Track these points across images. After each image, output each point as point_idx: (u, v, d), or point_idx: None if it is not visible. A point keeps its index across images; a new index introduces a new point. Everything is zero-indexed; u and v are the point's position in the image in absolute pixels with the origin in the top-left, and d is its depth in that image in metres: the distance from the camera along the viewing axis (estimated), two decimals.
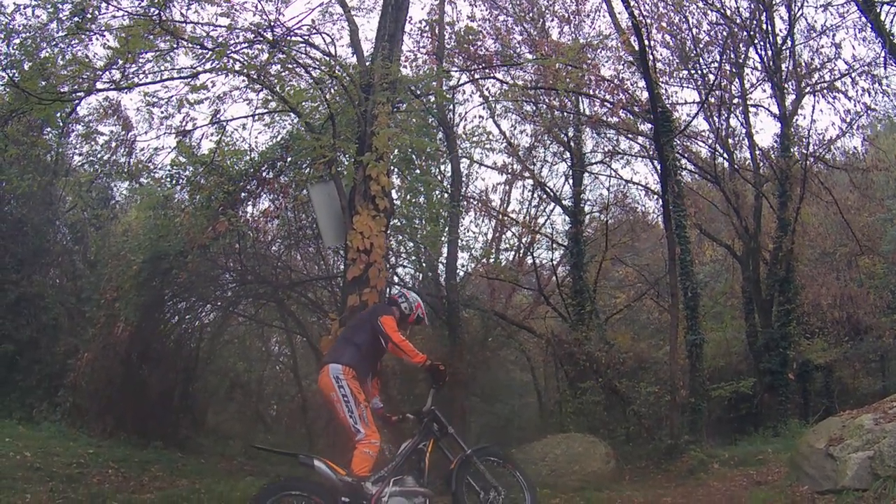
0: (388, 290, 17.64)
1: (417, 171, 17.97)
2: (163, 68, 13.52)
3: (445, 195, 20.43)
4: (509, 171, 27.36)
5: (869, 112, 26.97)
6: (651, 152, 24.60)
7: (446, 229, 20.01)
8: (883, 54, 23.98)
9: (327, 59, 13.90)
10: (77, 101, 14.49)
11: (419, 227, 19.91)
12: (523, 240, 28.90)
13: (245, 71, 13.14)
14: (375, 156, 12.16)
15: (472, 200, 25.57)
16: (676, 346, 19.82)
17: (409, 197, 18.04)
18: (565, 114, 25.67)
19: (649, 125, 22.58)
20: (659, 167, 21.20)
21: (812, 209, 28.36)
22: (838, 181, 29.29)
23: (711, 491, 13.41)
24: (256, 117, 16.25)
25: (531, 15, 24.54)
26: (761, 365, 25.41)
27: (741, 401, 25.47)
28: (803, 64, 26.86)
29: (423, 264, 22.37)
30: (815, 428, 13.59)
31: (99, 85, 13.47)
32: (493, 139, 25.83)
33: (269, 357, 26.53)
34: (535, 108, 25.83)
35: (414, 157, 17.68)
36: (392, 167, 16.94)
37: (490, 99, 23.54)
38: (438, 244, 19.89)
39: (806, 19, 26.94)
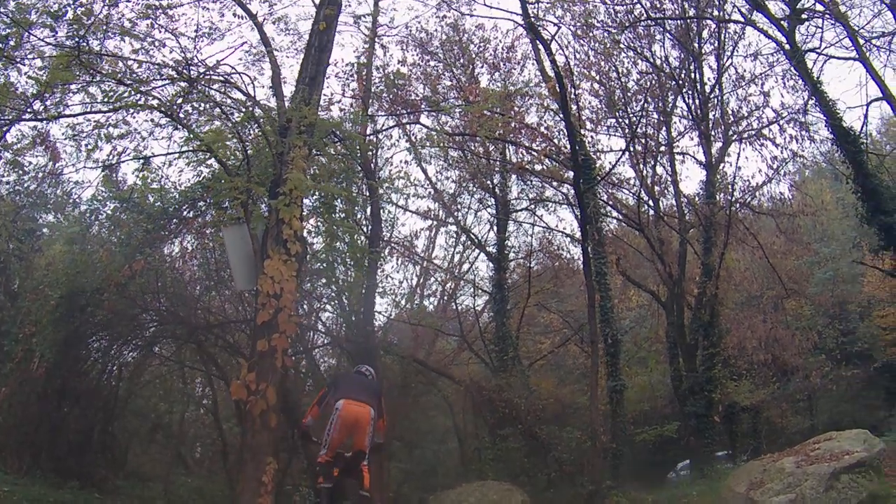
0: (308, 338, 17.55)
1: (338, 216, 17.75)
2: (87, 100, 13.37)
3: (365, 240, 20.23)
4: (433, 216, 27.23)
5: (796, 158, 27.94)
6: (574, 199, 24.59)
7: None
8: (810, 101, 24.94)
9: (245, 99, 13.76)
10: (6, 129, 14.30)
11: (341, 273, 19.72)
12: (447, 286, 28.81)
13: (161, 108, 12.99)
14: (287, 199, 12.01)
15: (395, 246, 25.41)
16: (597, 391, 19.62)
17: (329, 241, 17.79)
18: (490, 161, 25.67)
19: (572, 172, 22.61)
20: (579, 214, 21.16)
21: (737, 254, 29.06)
22: (765, 226, 29.69)
23: None
24: (178, 156, 15.98)
25: (461, 61, 24.67)
26: (686, 408, 25.58)
27: (667, 444, 25.73)
28: (731, 112, 27.53)
29: (347, 310, 22.09)
30: (736, 472, 13.96)
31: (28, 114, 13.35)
32: (417, 184, 26.01)
33: (190, 399, 26.08)
34: (461, 154, 25.87)
35: (337, 201, 17.47)
36: (312, 211, 16.85)
37: (416, 144, 23.45)
38: (359, 290, 19.64)
39: (735, 68, 27.31)
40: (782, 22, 24.90)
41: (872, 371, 32.80)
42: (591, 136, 25.54)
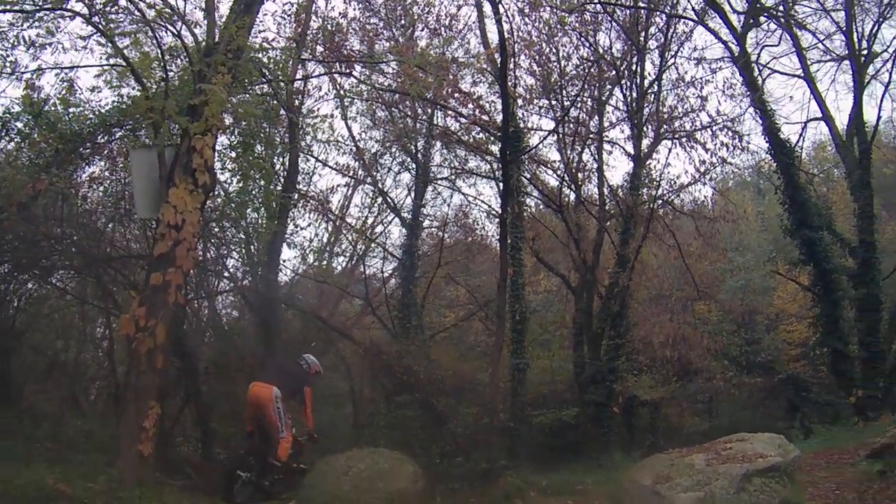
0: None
1: (256, 159, 17.05)
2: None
3: (279, 187, 19.60)
4: (352, 175, 26.62)
5: (724, 165, 28.12)
6: (497, 174, 24.27)
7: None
8: (749, 109, 25.55)
9: (171, 14, 13.01)
10: None
11: (252, 219, 19.04)
12: (357, 247, 28.28)
13: (85, 16, 12.24)
14: (203, 127, 11.33)
15: (310, 199, 24.75)
16: (499, 368, 19.59)
17: (243, 182, 17.11)
18: (418, 123, 25.19)
19: (499, 146, 22.31)
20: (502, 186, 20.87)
21: (654, 250, 29.25)
22: (684, 227, 30.05)
23: None
24: (101, 73, 15.12)
25: (402, 22, 24.14)
26: (586, 396, 25.57)
27: (565, 429, 25.50)
28: (666, 110, 27.47)
29: (254, 259, 21.44)
30: (641, 464, 13.71)
31: None
32: (341, 140, 25.37)
33: (88, 338, 25.14)
34: (388, 114, 25.32)
35: (256, 145, 16.80)
36: (230, 147, 16.22)
37: (345, 95, 22.87)
38: (267, 238, 18.97)
39: (677, 68, 27.28)
40: (735, 25, 25.37)
41: (776, 381, 33.20)
42: (523, 114, 25.26)
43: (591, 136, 27.53)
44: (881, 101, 25.94)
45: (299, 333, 20.61)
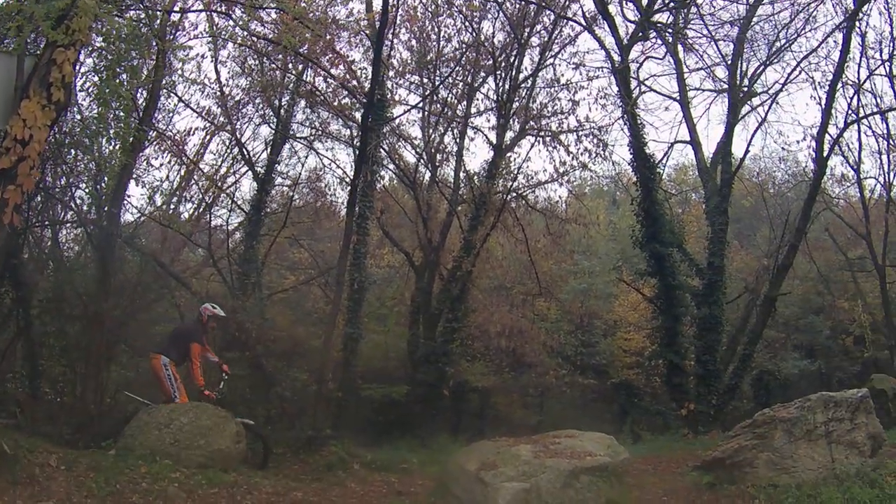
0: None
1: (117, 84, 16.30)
2: None
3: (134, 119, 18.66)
4: (212, 120, 25.83)
5: (583, 170, 28.57)
6: (356, 140, 24.11)
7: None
8: (620, 123, 26.05)
9: None
10: None
11: (104, 150, 18.19)
12: (207, 195, 27.56)
13: None
14: (68, 39, 10.67)
15: (166, 139, 23.97)
16: (332, 335, 19.53)
17: (101, 109, 16.35)
18: (286, 78, 24.70)
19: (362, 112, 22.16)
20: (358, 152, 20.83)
21: (501, 241, 29.51)
22: (535, 224, 30.52)
23: (347, 492, 13.19)
24: None
25: None
26: (418, 375, 25.76)
27: (393, 406, 25.83)
28: (536, 107, 27.86)
29: (101, 192, 20.58)
30: (467, 449, 13.84)
31: None
32: (207, 83, 24.67)
33: None
34: (258, 63, 24.65)
35: (121, 72, 16.08)
36: (93, 72, 15.56)
37: (218, 36, 22.16)
38: (115, 170, 18.17)
39: (555, 70, 27.39)
40: (622, 35, 25.70)
41: (609, 385, 34.31)
42: (392, 86, 25.48)
43: (457, 119, 27.78)
44: (752, 135, 26.66)
45: (136, 276, 19.89)
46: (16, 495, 9.28)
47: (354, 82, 23.64)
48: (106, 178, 18.60)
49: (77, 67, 14.54)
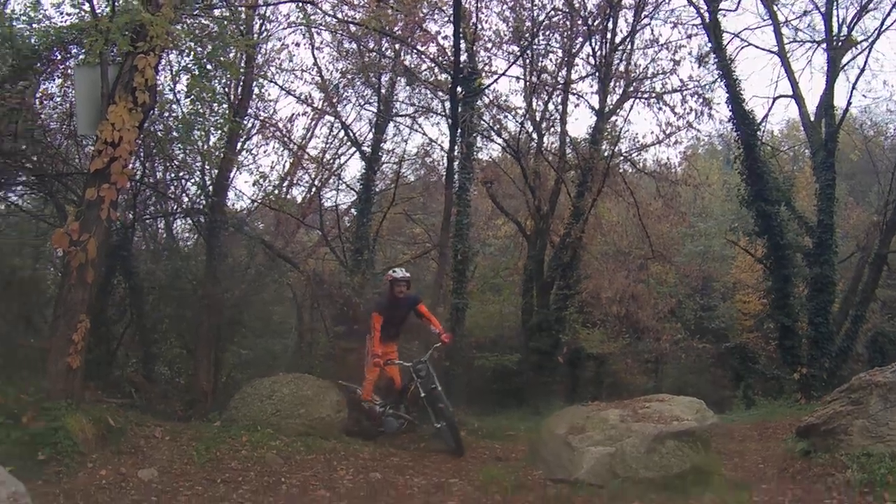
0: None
1: (208, 82, 17.18)
2: None
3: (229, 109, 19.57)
4: (314, 106, 26.80)
5: (690, 129, 28.32)
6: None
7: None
8: (720, 81, 25.47)
9: None
10: None
11: (201, 141, 19.17)
12: (317, 179, 28.57)
13: None
14: (147, 46, 11.70)
15: (269, 126, 24.97)
16: (437, 305, 20.12)
17: (193, 105, 17.29)
18: (383, 59, 25.42)
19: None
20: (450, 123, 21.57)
21: (612, 206, 29.83)
22: (647, 187, 30.63)
23: (445, 458, 13.31)
24: None
25: None
26: (531, 344, 26.00)
27: (507, 375, 26.51)
28: (637, 70, 27.77)
29: (208, 182, 21.66)
30: (558, 413, 13.78)
31: None
32: (305, 69, 25.64)
33: (41, 255, 25.19)
34: (356, 47, 25.38)
35: (210, 67, 16.99)
36: (184, 69, 16.48)
37: (306, 25, 22.91)
38: (216, 159, 19.14)
39: (652, 30, 27.58)
40: None
41: (724, 349, 33.73)
42: (489, 57, 25.66)
43: (559, 87, 27.81)
44: (853, 86, 26.11)
45: (245, 259, 20.95)
46: (120, 463, 10.22)
47: (445, 54, 23.80)
48: (209, 169, 19.72)
49: (171, 68, 15.72)
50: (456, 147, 21.75)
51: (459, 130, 21.79)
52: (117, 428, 11.28)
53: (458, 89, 21.39)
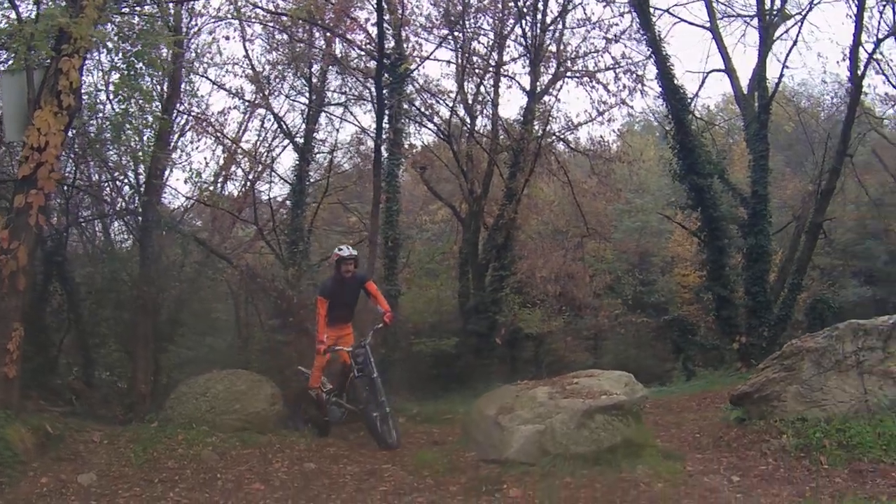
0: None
1: (137, 81, 17.13)
2: None
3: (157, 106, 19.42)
4: (245, 99, 26.86)
5: (623, 106, 28.98)
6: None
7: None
8: (650, 55, 25.86)
9: None
10: None
11: (138, 142, 19.10)
12: (251, 172, 28.61)
13: None
14: (71, 49, 11.73)
15: (200, 121, 24.97)
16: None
17: (123, 105, 17.21)
18: (312, 49, 25.49)
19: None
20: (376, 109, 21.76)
21: (548, 186, 30.29)
22: (582, 165, 31.34)
23: (375, 446, 13.26)
24: None
25: None
26: (469, 326, 26.42)
27: (446, 359, 26.48)
28: (568, 49, 28.26)
29: (142, 181, 21.56)
30: (488, 394, 13.66)
31: None
32: (237, 62, 25.67)
33: None
34: (287, 37, 25.51)
35: (139, 66, 16.94)
36: (112, 69, 16.49)
37: (234, 17, 22.94)
38: (147, 160, 19.07)
39: (584, 9, 27.84)
40: None
41: (662, 322, 34.31)
42: (418, 42, 25.93)
43: (490, 69, 28.30)
44: (785, 57, 26.54)
45: (179, 257, 20.97)
46: (60, 469, 10.28)
47: (372, 41, 23.91)
48: (141, 169, 19.70)
49: (101, 67, 15.73)
50: (384, 133, 22.03)
51: (387, 116, 21.97)
52: (56, 435, 11.39)
53: (385, 75, 21.69)
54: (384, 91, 21.91)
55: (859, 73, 25.61)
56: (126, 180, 20.65)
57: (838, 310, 27.30)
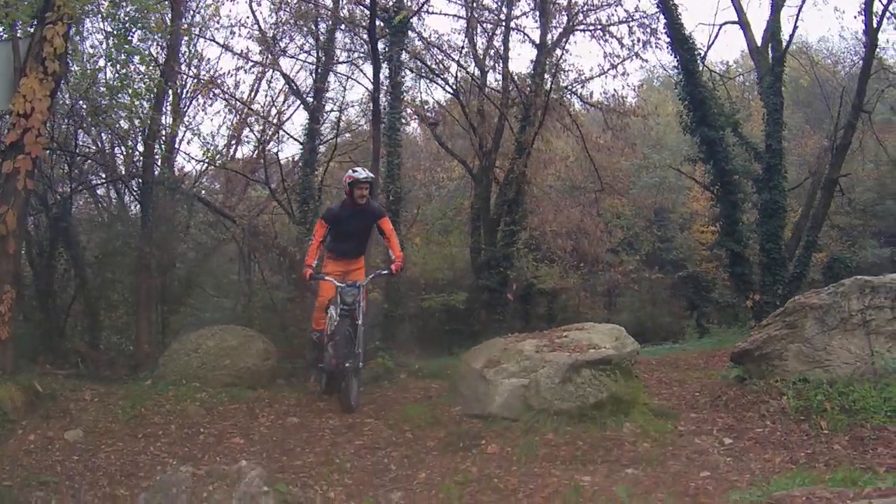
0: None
1: (132, 45, 17.18)
2: None
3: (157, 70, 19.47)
4: (253, 60, 26.88)
5: (636, 59, 29.31)
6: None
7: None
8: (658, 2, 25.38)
9: None
10: None
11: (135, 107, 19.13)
12: (263, 134, 28.71)
13: None
14: (55, 16, 11.96)
15: (209, 85, 24.96)
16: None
17: (120, 71, 17.26)
18: (318, 7, 25.52)
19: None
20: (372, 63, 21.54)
21: (562, 141, 30.69)
22: (598, 120, 30.82)
23: (376, 399, 13.52)
24: None
25: None
26: (480, 282, 26.51)
27: (459, 315, 26.98)
28: (580, 2, 27.90)
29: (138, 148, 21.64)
30: (477, 347, 13.49)
31: None
32: (245, 24, 25.76)
33: None
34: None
35: (135, 30, 17.02)
36: (106, 36, 16.66)
37: None
38: (146, 124, 19.13)
39: None
40: None
41: (677, 279, 34.50)
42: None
43: (501, 22, 28.42)
44: (799, 9, 26.38)
45: (184, 217, 21.17)
46: (48, 427, 10.65)
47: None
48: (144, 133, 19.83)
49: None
50: (381, 86, 22.10)
51: (387, 69, 22.09)
52: (46, 394, 11.75)
53: (382, 25, 22.26)
54: (382, 43, 22.39)
55: (874, 26, 25.36)
56: (130, 145, 20.66)
57: (856, 269, 26.90)
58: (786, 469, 8.77)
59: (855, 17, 44.43)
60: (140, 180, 19.47)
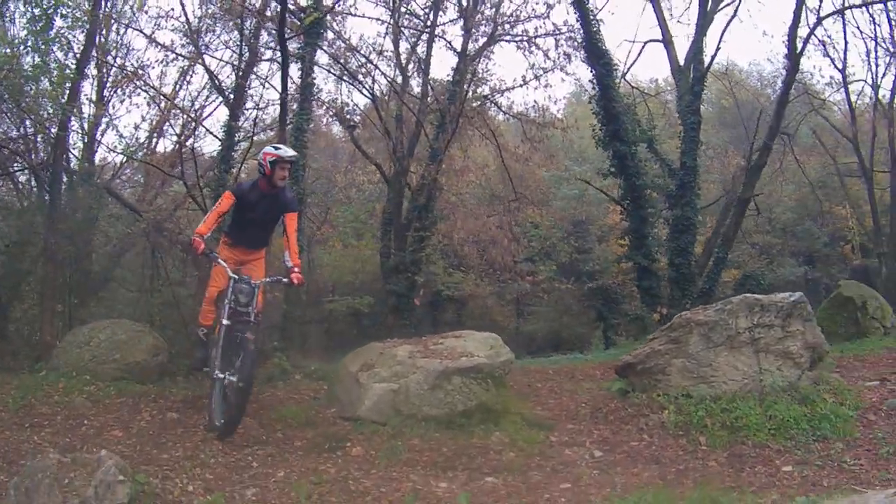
0: None
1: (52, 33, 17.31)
2: None
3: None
4: (176, 52, 26.93)
5: (558, 71, 29.28)
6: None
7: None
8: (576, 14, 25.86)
9: None
10: None
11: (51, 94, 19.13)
12: (185, 129, 28.78)
13: None
14: None
15: (130, 76, 24.98)
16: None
17: (40, 59, 17.32)
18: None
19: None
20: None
21: (480, 150, 31.50)
22: (518, 130, 31.23)
23: (263, 399, 13.58)
24: None
25: None
26: (388, 286, 26.82)
27: (366, 319, 27.57)
28: (506, 13, 28.45)
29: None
30: (355, 351, 13.65)
31: None
32: (170, 15, 25.80)
33: None
34: None
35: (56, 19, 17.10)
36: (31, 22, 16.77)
37: None
38: (59, 114, 19.16)
39: None
40: None
41: (586, 290, 34.92)
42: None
43: (426, 30, 28.82)
44: (723, 31, 27.07)
45: (91, 210, 21.24)
46: None
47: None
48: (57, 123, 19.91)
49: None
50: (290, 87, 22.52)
51: (301, 69, 22.31)
52: None
53: (297, 23, 22.48)
54: (297, 43, 22.47)
55: (797, 50, 26.03)
56: (41, 135, 20.67)
57: (768, 287, 27.52)
58: (652, 484, 9.04)
59: (782, 42, 45.67)
60: (48, 170, 19.49)
